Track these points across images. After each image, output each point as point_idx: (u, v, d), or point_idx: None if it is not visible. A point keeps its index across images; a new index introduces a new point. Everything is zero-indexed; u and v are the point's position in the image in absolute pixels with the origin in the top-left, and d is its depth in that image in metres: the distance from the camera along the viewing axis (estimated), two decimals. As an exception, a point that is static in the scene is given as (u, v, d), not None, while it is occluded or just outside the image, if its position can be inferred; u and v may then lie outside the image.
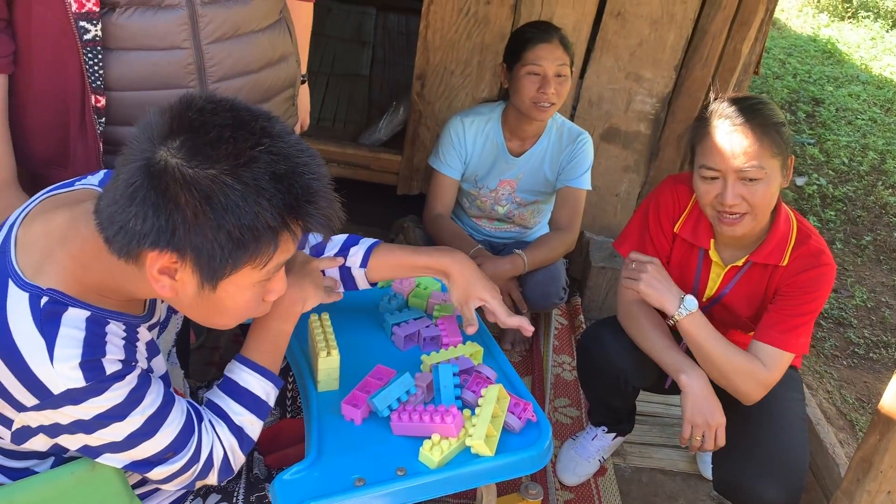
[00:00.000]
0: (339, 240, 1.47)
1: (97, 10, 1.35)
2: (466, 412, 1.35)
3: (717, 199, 1.67)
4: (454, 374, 1.41)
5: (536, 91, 2.29)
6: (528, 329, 1.45)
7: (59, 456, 1.15)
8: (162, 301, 1.24)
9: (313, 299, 1.30)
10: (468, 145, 2.48)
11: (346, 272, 1.46)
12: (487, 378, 1.45)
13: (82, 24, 1.35)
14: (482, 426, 1.29)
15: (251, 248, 0.98)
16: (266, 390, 1.26)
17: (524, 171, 2.52)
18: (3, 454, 1.13)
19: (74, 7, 1.34)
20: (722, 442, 1.75)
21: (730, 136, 1.63)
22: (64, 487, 1.10)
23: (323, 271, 1.44)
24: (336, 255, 1.46)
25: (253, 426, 1.24)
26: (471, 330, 1.48)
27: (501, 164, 2.51)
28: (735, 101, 1.68)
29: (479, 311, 2.23)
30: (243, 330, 2.12)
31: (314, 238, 1.48)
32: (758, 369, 1.74)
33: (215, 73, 1.50)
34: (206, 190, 0.94)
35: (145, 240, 0.96)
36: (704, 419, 1.73)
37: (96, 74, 1.40)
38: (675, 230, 1.87)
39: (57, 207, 1.10)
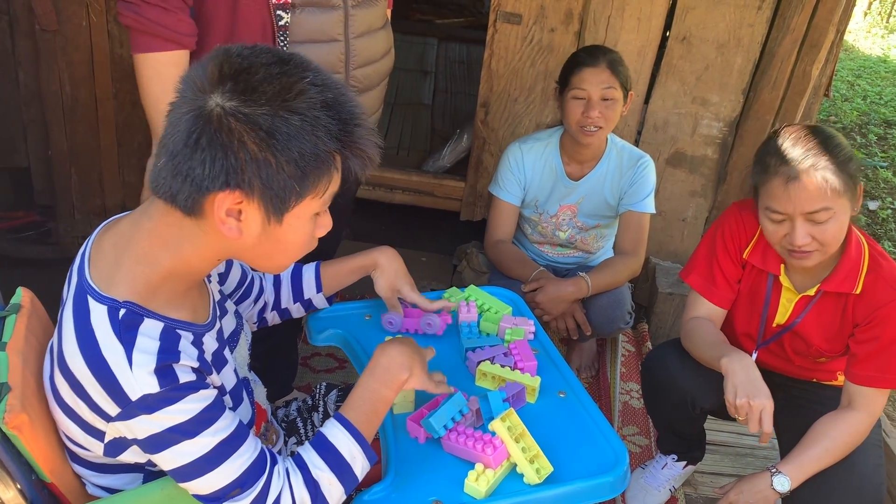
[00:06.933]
0: (286, 273, 1.57)
1: (290, 0, 1.64)
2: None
3: (786, 239, 1.64)
4: (503, 401, 1.41)
5: (581, 115, 2.30)
6: (449, 307, 1.67)
7: (148, 471, 1.18)
8: (223, 314, 1.27)
9: (417, 378, 1.30)
10: (527, 171, 2.50)
11: (307, 303, 1.59)
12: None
13: (279, 12, 1.64)
14: (519, 460, 1.28)
15: (313, 175, 1.04)
16: (352, 452, 1.21)
17: (584, 195, 2.52)
18: (93, 469, 1.17)
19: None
20: (768, 427, 1.60)
21: (796, 180, 1.58)
22: (153, 502, 1.14)
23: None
24: (292, 288, 1.57)
25: (331, 487, 1.19)
26: (397, 310, 1.64)
27: (561, 189, 2.51)
28: (798, 141, 1.62)
29: (547, 328, 2.23)
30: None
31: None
32: (859, 426, 1.70)
33: (355, 62, 1.82)
34: (267, 125, 0.99)
35: (215, 182, 1.00)
36: (746, 399, 1.60)
37: None
38: (744, 256, 1.84)
39: (120, 220, 1.16)
